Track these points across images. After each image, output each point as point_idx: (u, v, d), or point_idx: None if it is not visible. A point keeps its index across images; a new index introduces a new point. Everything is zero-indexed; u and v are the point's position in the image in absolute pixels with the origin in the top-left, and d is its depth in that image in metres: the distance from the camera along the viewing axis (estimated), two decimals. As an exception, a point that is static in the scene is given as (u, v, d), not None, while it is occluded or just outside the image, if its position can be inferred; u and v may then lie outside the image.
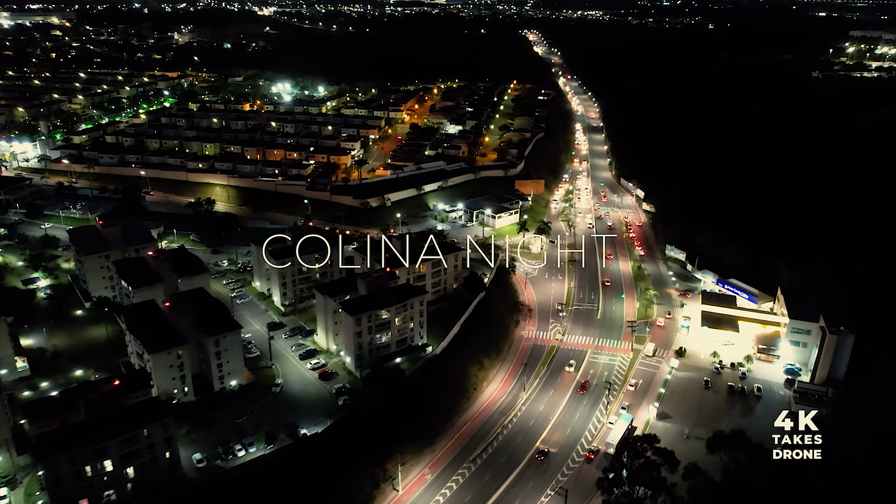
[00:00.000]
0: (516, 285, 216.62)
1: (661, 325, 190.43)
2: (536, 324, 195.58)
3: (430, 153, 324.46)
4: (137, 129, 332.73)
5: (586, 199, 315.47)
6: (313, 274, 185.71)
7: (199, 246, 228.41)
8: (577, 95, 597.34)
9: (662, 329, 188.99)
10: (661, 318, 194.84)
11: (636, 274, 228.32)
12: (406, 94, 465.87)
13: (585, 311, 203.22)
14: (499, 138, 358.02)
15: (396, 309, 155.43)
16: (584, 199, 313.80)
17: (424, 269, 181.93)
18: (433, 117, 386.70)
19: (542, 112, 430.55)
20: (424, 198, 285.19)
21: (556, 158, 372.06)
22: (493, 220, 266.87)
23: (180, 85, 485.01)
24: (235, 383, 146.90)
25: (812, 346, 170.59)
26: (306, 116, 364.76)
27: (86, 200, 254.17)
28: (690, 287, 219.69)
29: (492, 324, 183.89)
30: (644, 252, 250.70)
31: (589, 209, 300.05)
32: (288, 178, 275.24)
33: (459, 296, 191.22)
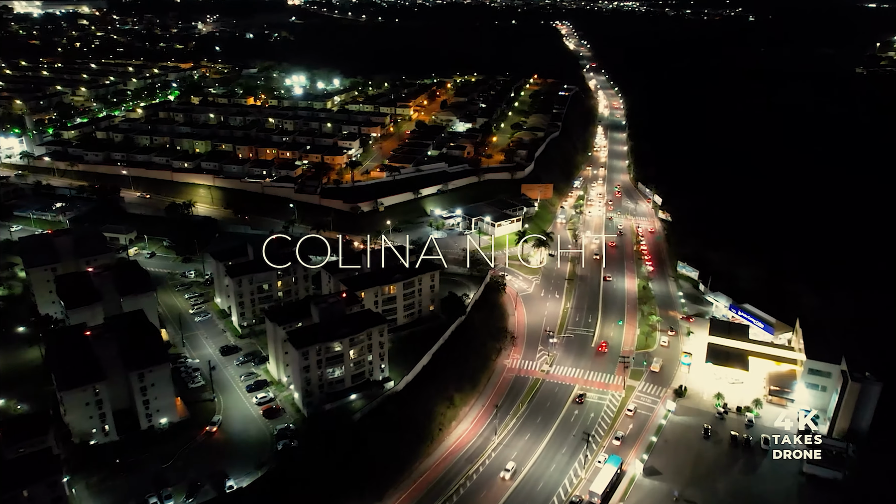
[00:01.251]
0: (506, 305, 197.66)
1: (656, 370, 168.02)
2: (523, 351, 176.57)
3: (433, 153, 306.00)
4: (131, 125, 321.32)
5: (599, 205, 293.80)
6: (275, 292, 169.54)
7: (170, 253, 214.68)
8: (603, 90, 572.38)
9: (658, 372, 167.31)
10: (657, 359, 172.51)
11: (641, 294, 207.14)
12: (419, 88, 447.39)
13: (580, 338, 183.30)
14: (509, 137, 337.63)
15: (351, 340, 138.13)
16: (596, 206, 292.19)
17: (395, 290, 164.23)
18: (443, 114, 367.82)
19: (561, 109, 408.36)
20: (422, 202, 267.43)
21: (572, 160, 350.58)
22: (492, 228, 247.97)
23: (190, 77, 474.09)
24: (166, 421, 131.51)
25: (832, 391, 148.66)
26: (308, 112, 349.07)
27: (62, 201, 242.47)
28: (701, 311, 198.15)
29: (469, 353, 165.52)
30: (653, 268, 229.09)
31: (600, 217, 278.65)
32: (276, 180, 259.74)
33: (436, 319, 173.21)
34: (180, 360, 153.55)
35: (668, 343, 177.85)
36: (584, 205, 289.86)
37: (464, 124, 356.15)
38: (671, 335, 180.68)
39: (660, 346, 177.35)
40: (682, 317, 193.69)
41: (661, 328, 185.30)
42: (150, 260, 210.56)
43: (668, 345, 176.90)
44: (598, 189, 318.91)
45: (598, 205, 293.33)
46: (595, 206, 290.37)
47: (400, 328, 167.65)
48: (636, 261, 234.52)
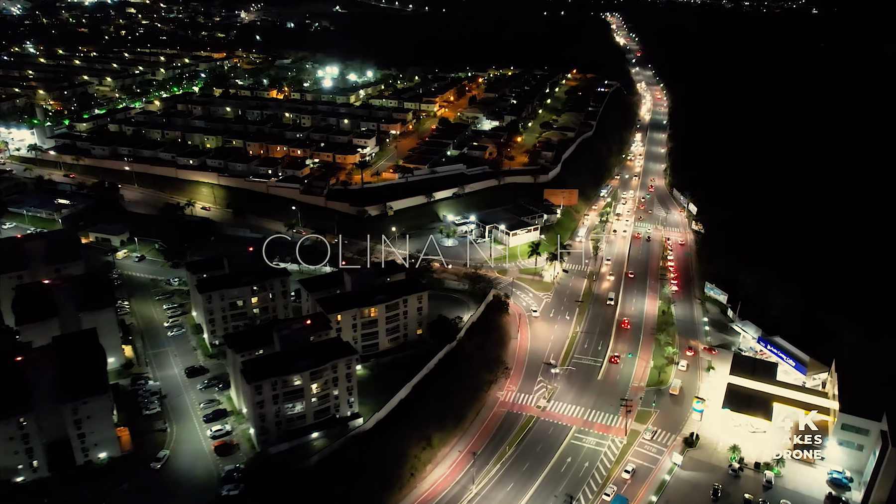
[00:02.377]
0: (508, 327, 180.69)
1: (675, 393, 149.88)
2: (520, 382, 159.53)
3: (452, 153, 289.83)
4: (147, 117, 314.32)
5: (628, 214, 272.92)
6: (250, 309, 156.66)
7: (160, 257, 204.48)
8: (648, 87, 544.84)
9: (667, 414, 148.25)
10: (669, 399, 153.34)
11: (660, 320, 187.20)
12: (450, 82, 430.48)
13: (585, 369, 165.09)
14: (537, 137, 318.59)
15: (312, 374, 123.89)
16: (625, 215, 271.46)
17: (375, 313, 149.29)
18: (469, 111, 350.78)
19: (597, 107, 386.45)
20: (435, 207, 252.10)
21: (604, 163, 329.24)
22: (506, 236, 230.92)
23: (220, 67, 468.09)
24: (105, 455, 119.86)
25: (870, 452, 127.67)
26: (328, 107, 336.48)
27: (62, 197, 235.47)
28: (726, 341, 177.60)
29: (456, 384, 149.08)
30: (679, 287, 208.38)
31: (630, 227, 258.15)
32: (282, 180, 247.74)
33: (424, 344, 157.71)
34: (139, 382, 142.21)
35: (679, 390, 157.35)
36: (611, 214, 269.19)
37: (490, 122, 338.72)
38: (682, 370, 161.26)
39: (675, 380, 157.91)
40: (704, 347, 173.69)
41: (680, 358, 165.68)
42: (138, 264, 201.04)
43: (678, 391, 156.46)
44: (630, 196, 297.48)
45: (627, 214, 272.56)
46: (623, 216, 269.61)
47: (382, 354, 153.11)
48: (660, 279, 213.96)
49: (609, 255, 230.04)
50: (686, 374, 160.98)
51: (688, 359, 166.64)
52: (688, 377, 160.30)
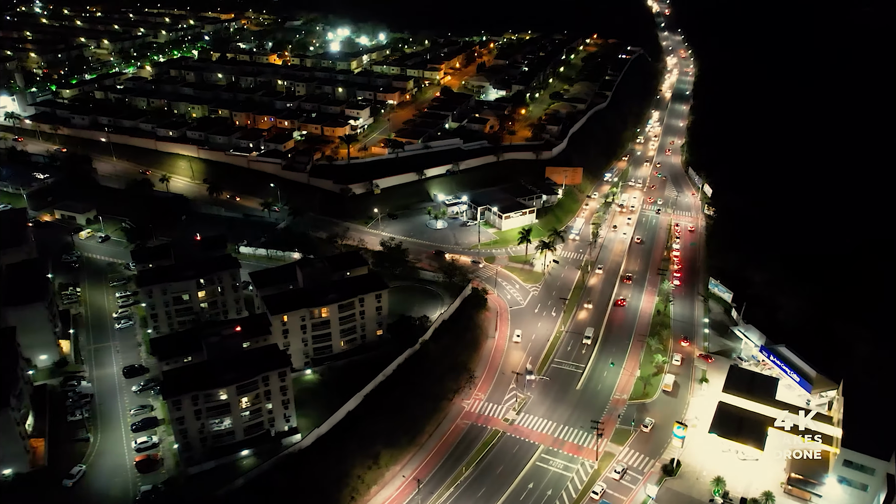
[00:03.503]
0: (486, 324, 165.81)
1: (646, 430, 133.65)
2: (490, 388, 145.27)
3: (451, 126, 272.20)
4: (136, 84, 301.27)
5: (637, 195, 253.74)
6: (196, 304, 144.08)
7: (123, 238, 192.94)
8: (675, 55, 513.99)
9: (648, 435, 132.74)
10: (649, 420, 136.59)
11: (655, 319, 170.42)
12: (462, 46, 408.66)
13: (565, 376, 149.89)
14: (545, 109, 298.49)
15: (239, 388, 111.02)
16: (633, 196, 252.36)
17: (327, 313, 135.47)
18: (475, 79, 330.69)
19: (615, 76, 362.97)
20: (426, 185, 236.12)
21: (616, 138, 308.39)
22: (499, 219, 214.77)
23: (225, 29, 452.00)
24: (11, 472, 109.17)
25: (876, 493, 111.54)
26: (326, 74, 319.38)
27: (34, 170, 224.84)
28: (726, 347, 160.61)
29: (415, 394, 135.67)
30: (681, 282, 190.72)
31: (637, 210, 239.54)
32: (263, 154, 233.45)
33: (385, 346, 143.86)
34: (71, 383, 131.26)
35: (673, 386, 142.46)
36: (617, 195, 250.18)
37: (497, 92, 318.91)
38: (676, 364, 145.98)
39: (661, 394, 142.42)
40: (699, 353, 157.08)
41: (670, 369, 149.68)
42: (101, 245, 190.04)
43: (671, 388, 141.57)
44: (641, 174, 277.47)
45: (636, 195, 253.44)
46: (630, 198, 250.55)
47: (336, 357, 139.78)
48: (662, 271, 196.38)
49: (610, 242, 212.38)
50: (670, 402, 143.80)
51: (682, 352, 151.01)
52: (679, 382, 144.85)
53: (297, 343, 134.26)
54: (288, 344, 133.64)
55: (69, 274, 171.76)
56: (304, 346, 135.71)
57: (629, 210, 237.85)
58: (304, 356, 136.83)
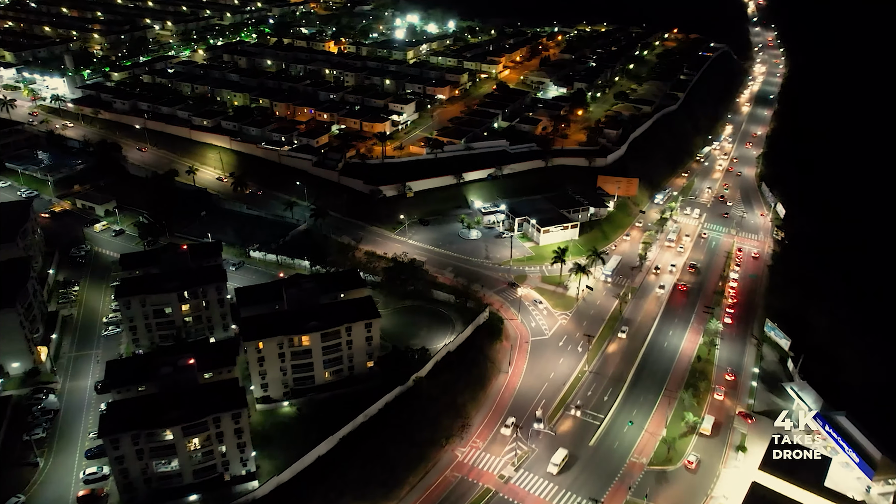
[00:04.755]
0: (500, 357, 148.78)
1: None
2: (492, 436, 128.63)
3: (500, 125, 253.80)
4: (186, 68, 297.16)
5: (700, 212, 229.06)
6: (179, 318, 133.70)
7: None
8: (766, 52, 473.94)
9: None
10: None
11: (696, 366, 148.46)
12: (529, 37, 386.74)
13: (580, 428, 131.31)
14: (606, 110, 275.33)
15: (186, 429, 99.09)
16: (695, 213, 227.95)
17: (308, 342, 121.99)
18: (535, 74, 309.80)
19: (691, 75, 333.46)
20: (464, 189, 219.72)
21: (685, 145, 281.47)
22: (537, 233, 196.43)
23: (291, 13, 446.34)
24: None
25: None
26: (377, 64, 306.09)
27: (70, 154, 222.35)
28: (773, 406, 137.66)
29: (401, 438, 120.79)
30: (733, 319, 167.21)
31: (695, 231, 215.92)
32: (295, 149, 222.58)
33: (377, 379, 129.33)
34: (38, 396, 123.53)
35: (696, 465, 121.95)
36: (676, 210, 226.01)
37: (557, 89, 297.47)
38: (705, 433, 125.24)
39: (684, 466, 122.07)
40: (739, 411, 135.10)
41: (701, 433, 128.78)
42: (114, 240, 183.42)
43: (695, 467, 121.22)
44: (707, 187, 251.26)
45: (696, 210, 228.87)
46: (692, 212, 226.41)
47: (318, 389, 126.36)
48: (713, 305, 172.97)
49: (658, 266, 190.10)
50: (709, 441, 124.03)
51: (718, 409, 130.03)
52: (710, 448, 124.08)
53: (274, 372, 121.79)
54: (264, 372, 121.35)
55: (74, 270, 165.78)
56: (283, 376, 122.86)
57: (685, 234, 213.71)
58: (283, 386, 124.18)
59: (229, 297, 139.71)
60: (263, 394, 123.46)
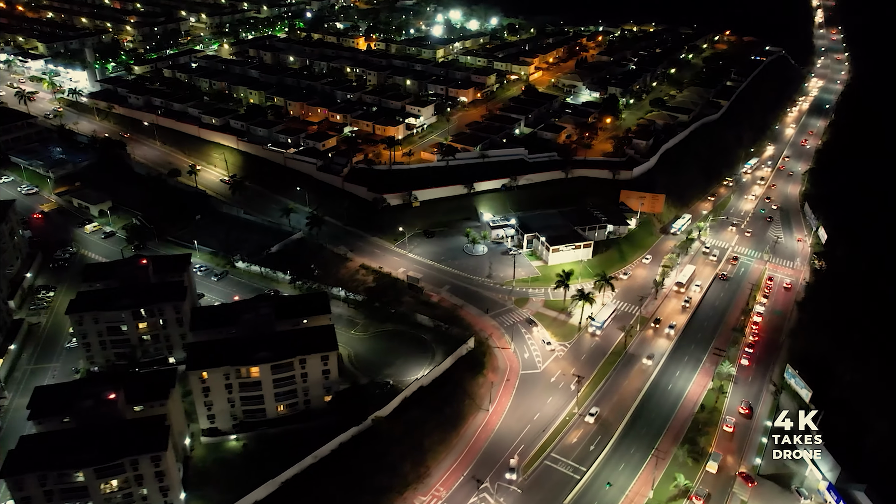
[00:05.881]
0: (482, 392, 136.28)
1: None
2: (458, 484, 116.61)
3: (522, 132, 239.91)
4: (209, 63, 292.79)
5: (732, 234, 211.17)
6: (134, 337, 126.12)
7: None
8: (829, 56, 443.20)
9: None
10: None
11: (699, 416, 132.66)
12: (571, 36, 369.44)
13: (554, 481, 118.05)
14: (639, 118, 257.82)
15: (98, 471, 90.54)
16: (725, 235, 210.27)
17: (258, 374, 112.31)
18: (568, 77, 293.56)
19: (738, 82, 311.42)
20: (475, 200, 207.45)
21: (725, 158, 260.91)
22: (546, 251, 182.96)
23: (330, 6, 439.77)
24: None
25: None
26: (404, 63, 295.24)
27: (76, 150, 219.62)
28: (782, 470, 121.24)
29: (353, 484, 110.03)
30: (750, 361, 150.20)
31: (727, 254, 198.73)
32: (300, 152, 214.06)
33: (329, 416, 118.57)
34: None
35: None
36: (704, 229, 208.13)
37: (590, 94, 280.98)
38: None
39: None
40: (740, 473, 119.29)
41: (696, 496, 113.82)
42: (103, 242, 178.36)
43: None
44: (744, 207, 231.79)
45: (727, 231, 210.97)
46: (725, 234, 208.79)
47: (270, 423, 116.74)
48: (719, 350, 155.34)
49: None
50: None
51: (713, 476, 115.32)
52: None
53: (221, 403, 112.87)
54: (210, 403, 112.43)
55: (55, 274, 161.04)
56: (232, 408, 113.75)
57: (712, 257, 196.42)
58: (232, 418, 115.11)
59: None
60: (210, 425, 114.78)
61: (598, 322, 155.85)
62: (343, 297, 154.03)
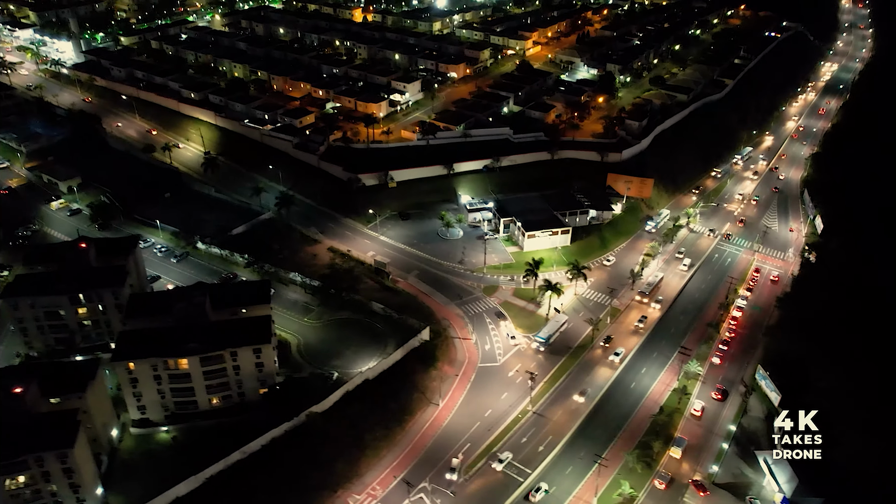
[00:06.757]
0: (432, 386, 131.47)
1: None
2: (394, 485, 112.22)
3: (511, 110, 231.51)
4: (198, 35, 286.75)
5: (724, 221, 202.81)
6: (73, 322, 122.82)
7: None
8: (853, 31, 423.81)
9: None
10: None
11: (657, 419, 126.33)
12: (573, 9, 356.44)
13: (499, 484, 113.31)
14: (635, 97, 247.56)
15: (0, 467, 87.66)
16: (715, 220, 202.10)
17: (186, 365, 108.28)
18: (565, 52, 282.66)
19: (747, 59, 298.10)
20: (455, 182, 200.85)
21: (726, 140, 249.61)
22: (522, 237, 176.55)
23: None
24: None
25: None
26: (396, 36, 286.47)
27: (54, 122, 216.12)
28: (739, 480, 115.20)
29: (283, 482, 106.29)
30: (723, 359, 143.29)
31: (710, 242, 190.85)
32: (277, 129, 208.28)
33: (262, 411, 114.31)
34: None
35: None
36: (693, 217, 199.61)
37: (588, 70, 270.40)
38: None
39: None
40: (693, 481, 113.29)
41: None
42: (69, 220, 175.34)
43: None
44: (742, 191, 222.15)
45: (720, 219, 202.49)
46: (718, 221, 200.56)
47: (203, 415, 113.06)
48: (706, 340, 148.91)
49: (652, 285, 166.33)
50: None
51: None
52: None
53: (151, 394, 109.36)
54: (139, 394, 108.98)
55: (12, 253, 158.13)
56: (162, 398, 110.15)
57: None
58: (164, 409, 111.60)
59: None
60: (141, 416, 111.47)
61: (542, 336, 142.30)
62: (300, 282, 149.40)
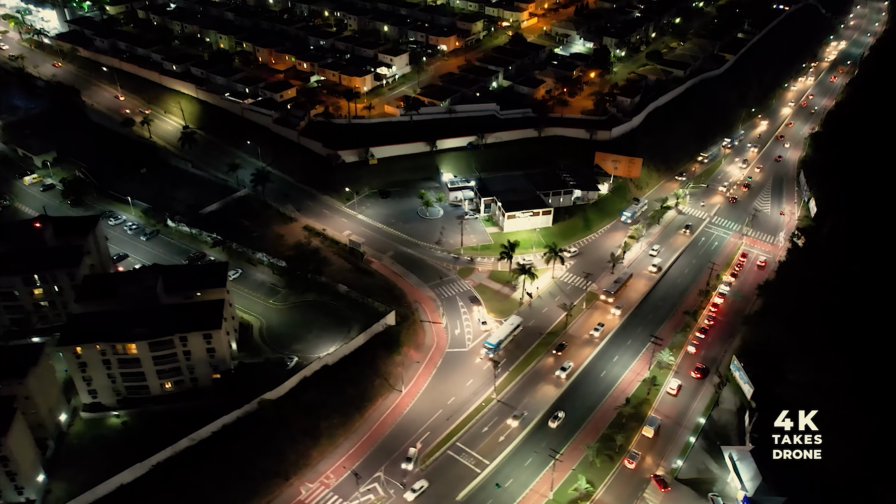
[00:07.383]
0: (395, 372, 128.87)
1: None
2: (349, 471, 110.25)
3: (500, 84, 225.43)
4: (186, 5, 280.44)
5: (716, 201, 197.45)
6: (27, 303, 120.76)
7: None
8: (868, 3, 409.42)
9: None
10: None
11: (624, 410, 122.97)
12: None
13: (454, 474, 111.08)
14: (629, 73, 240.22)
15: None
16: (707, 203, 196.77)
17: (135, 350, 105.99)
18: (562, 25, 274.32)
19: (751, 33, 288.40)
20: (438, 159, 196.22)
21: (723, 118, 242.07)
22: (502, 218, 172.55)
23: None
24: None
25: None
26: (388, 6, 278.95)
27: (32, 95, 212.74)
28: (704, 475, 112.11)
29: (234, 468, 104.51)
30: (699, 348, 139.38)
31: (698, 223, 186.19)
32: (257, 103, 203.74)
33: (213, 397, 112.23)
34: None
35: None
36: (681, 199, 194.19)
37: (585, 44, 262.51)
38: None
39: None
40: (654, 474, 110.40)
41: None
42: (42, 195, 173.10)
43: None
44: (735, 172, 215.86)
45: (712, 200, 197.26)
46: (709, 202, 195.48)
47: (155, 400, 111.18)
48: (683, 328, 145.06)
49: (637, 270, 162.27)
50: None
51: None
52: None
53: (101, 379, 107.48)
54: (89, 378, 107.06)
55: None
56: (113, 383, 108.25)
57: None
58: (115, 393, 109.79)
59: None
60: (92, 400, 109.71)
61: (491, 342, 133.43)
62: (266, 262, 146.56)
